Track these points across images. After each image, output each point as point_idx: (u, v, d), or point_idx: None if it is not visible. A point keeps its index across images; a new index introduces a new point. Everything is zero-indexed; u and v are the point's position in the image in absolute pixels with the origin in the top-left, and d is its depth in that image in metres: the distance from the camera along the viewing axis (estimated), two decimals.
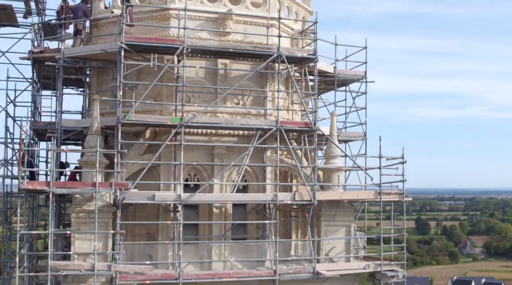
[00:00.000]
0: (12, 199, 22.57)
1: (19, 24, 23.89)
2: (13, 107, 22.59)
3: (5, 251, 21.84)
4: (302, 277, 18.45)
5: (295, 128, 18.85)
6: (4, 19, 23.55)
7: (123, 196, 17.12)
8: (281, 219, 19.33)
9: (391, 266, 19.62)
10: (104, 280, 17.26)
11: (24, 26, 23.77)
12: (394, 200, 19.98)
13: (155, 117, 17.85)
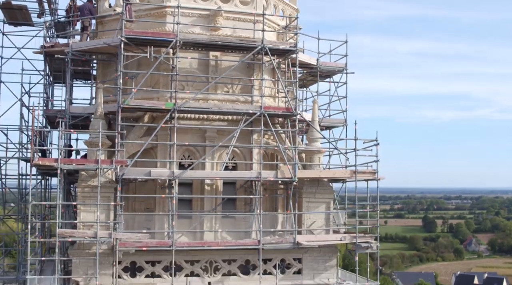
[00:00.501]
0: (26, 181, 24.44)
1: (34, 23, 25.77)
2: (28, 97, 24.54)
3: (20, 226, 23.70)
4: (283, 247, 20.07)
5: (278, 112, 20.48)
6: (20, 19, 25.40)
7: (123, 172, 18.88)
8: (265, 195, 20.99)
9: (365, 238, 21.14)
10: (106, 247, 18.99)
11: (38, 24, 25.68)
12: (368, 178, 21.37)
13: (151, 103, 19.58)
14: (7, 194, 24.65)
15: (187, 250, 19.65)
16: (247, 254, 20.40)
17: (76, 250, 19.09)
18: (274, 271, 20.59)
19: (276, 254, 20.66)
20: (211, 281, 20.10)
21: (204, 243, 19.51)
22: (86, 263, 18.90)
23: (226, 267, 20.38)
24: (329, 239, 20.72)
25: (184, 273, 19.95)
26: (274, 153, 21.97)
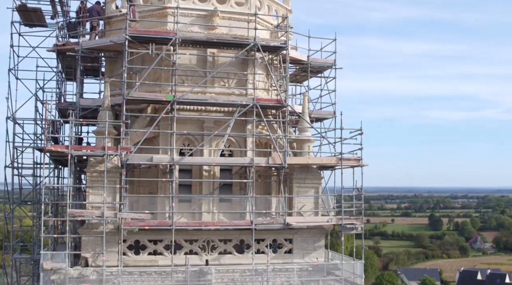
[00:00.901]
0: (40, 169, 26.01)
1: (47, 24, 27.37)
2: (42, 92, 26.14)
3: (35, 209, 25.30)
4: (274, 227, 21.48)
5: (269, 104, 21.90)
6: (35, 20, 27.00)
7: (127, 158, 20.38)
8: (258, 180, 22.41)
9: (350, 220, 22.45)
10: (112, 227, 20.50)
11: (51, 25, 27.26)
12: (353, 164, 22.64)
13: (153, 95, 21.07)
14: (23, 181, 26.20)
15: (186, 230, 21.12)
16: (241, 235, 21.81)
17: (85, 229, 20.59)
18: (266, 250, 21.98)
19: (268, 234, 22.06)
20: (208, 259, 21.54)
21: (201, 223, 20.97)
22: (94, 241, 20.41)
23: (222, 246, 21.82)
24: (317, 220, 22.06)
25: (183, 251, 21.41)
26: (267, 142, 23.35)
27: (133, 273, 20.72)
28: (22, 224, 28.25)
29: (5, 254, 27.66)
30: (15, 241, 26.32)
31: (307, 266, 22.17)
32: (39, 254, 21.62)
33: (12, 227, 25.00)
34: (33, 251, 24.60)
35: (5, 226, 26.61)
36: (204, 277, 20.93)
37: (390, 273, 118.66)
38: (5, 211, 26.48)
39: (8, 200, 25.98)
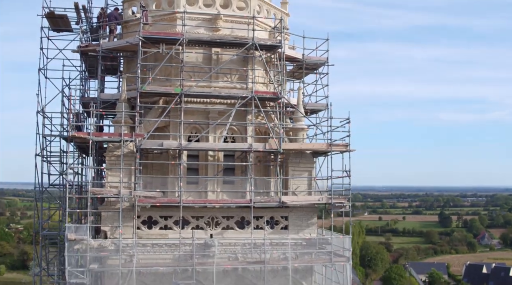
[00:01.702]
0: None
1: (72, 29, 29.46)
2: (68, 89, 28.18)
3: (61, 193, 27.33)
4: (271, 205, 23.22)
5: (266, 96, 23.68)
6: (62, 26, 29.09)
7: (141, 143, 22.31)
8: (257, 164, 24.19)
9: (339, 199, 24.04)
10: (128, 204, 22.41)
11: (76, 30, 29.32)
12: (342, 150, 24.23)
13: (163, 88, 22.99)
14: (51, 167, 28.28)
15: (193, 207, 22.97)
16: (242, 212, 23.59)
17: (105, 206, 22.56)
18: (264, 226, 23.73)
19: (266, 212, 23.81)
20: (213, 233, 23.35)
21: (206, 201, 22.82)
22: (112, 216, 22.35)
23: (225, 222, 23.62)
24: (309, 199, 23.74)
25: (190, 226, 23.25)
26: (266, 131, 25.10)
27: (146, 245, 22.61)
28: (50, 215, 30.20)
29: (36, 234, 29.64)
30: (45, 231, 28.37)
31: (301, 240, 23.86)
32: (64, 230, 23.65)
33: (42, 207, 26.99)
34: (59, 229, 26.64)
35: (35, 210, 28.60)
36: (209, 249, 22.72)
37: (398, 266, 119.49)
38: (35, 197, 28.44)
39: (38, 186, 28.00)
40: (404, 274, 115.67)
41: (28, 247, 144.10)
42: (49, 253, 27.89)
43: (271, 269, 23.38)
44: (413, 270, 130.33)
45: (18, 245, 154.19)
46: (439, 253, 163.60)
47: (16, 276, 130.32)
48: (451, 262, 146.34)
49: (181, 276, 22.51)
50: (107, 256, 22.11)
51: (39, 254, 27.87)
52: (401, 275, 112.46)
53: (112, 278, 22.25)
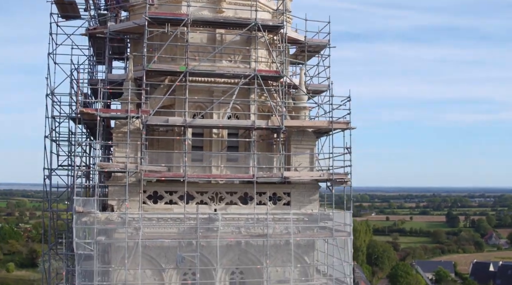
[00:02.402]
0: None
1: (81, 15, 30.20)
2: (76, 73, 28.92)
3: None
4: (273, 180, 23.79)
5: (268, 75, 24.29)
6: (70, 12, 29.85)
7: (147, 119, 22.96)
8: (260, 141, 24.79)
9: (340, 175, 24.56)
10: (134, 179, 23.05)
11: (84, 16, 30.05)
12: (342, 127, 24.75)
13: (168, 66, 23.66)
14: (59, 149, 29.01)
15: (197, 183, 23.61)
16: (245, 188, 24.18)
17: (112, 181, 23.21)
18: (267, 202, 24.31)
19: (269, 188, 24.38)
20: (217, 208, 23.94)
21: (210, 176, 23.44)
22: (119, 191, 22.99)
23: (229, 198, 24.22)
24: (311, 175, 24.29)
25: (195, 201, 23.85)
26: (269, 110, 25.68)
27: (151, 219, 23.24)
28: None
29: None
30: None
31: (303, 216, 24.41)
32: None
33: (50, 185, 27.69)
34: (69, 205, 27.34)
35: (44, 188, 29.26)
36: (213, 223, 23.33)
37: (405, 264, 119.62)
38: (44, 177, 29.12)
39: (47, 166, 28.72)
40: (411, 271, 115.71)
41: (37, 246, 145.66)
42: (58, 231, 28.60)
43: (273, 244, 23.96)
44: (419, 268, 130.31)
45: (27, 243, 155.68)
46: (446, 253, 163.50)
47: (25, 274, 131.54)
48: (458, 261, 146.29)
49: (186, 250, 23.12)
50: (114, 229, 22.73)
51: (48, 233, 28.60)
52: (407, 273, 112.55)
53: (118, 251, 22.87)
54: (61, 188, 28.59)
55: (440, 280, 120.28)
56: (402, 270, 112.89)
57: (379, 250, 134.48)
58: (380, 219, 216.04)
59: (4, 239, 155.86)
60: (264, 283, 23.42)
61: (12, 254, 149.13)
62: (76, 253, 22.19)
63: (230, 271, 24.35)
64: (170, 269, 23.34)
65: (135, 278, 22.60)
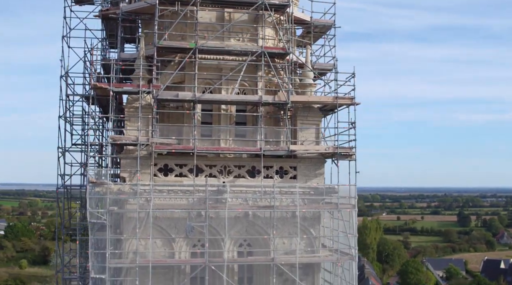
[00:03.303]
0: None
1: (94, 1, 31.17)
2: (90, 56, 29.88)
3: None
4: (279, 153, 24.54)
5: (275, 51, 25.06)
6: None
7: (158, 93, 23.83)
8: (267, 116, 25.56)
9: (345, 149, 25.25)
10: (145, 152, 23.90)
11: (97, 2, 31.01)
12: (347, 103, 25.47)
13: (178, 43, 24.51)
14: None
15: (206, 156, 24.43)
16: (253, 161, 24.95)
17: (124, 154, 24.09)
18: (274, 175, 25.07)
19: (276, 162, 25.13)
20: (225, 181, 24.73)
21: (218, 148, 24.23)
22: (131, 163, 23.85)
23: (237, 171, 24.99)
24: (316, 149, 25.01)
25: (204, 174, 24.66)
26: (276, 87, 26.45)
27: (162, 191, 24.06)
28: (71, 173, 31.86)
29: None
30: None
31: (309, 189, 25.12)
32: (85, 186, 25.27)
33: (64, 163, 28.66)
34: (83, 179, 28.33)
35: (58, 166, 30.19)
36: (221, 195, 24.11)
37: (415, 261, 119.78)
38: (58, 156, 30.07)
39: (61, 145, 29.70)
40: (421, 268, 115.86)
41: (49, 243, 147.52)
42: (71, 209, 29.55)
43: (280, 216, 24.70)
44: (430, 265, 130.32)
45: (39, 241, 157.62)
46: (458, 252, 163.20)
47: (37, 270, 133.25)
48: (470, 260, 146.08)
49: (195, 221, 23.92)
50: (126, 200, 23.59)
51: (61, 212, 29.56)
52: (418, 269, 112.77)
53: (130, 222, 23.71)
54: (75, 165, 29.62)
55: (450, 278, 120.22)
56: (413, 266, 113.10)
57: (389, 247, 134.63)
58: (391, 219, 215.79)
59: (16, 236, 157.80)
60: (271, 253, 24.13)
61: (25, 251, 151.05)
62: (90, 222, 23.06)
63: (238, 243, 25.11)
64: (180, 239, 24.14)
65: (146, 248, 23.41)
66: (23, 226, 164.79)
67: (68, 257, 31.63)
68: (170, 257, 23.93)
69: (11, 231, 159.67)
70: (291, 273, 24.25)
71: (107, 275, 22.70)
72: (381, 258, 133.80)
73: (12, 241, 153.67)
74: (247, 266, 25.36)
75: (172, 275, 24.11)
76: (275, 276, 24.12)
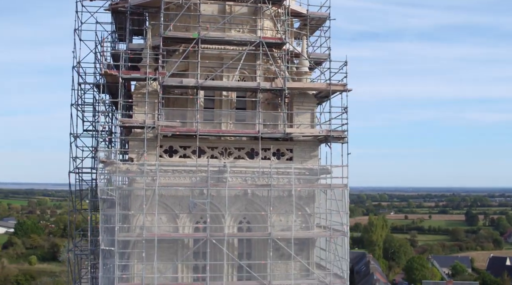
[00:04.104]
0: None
1: None
2: (100, 47, 32.04)
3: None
4: (277, 136, 26.53)
5: (272, 41, 27.08)
6: None
7: (163, 80, 25.90)
8: (265, 102, 27.56)
9: (337, 132, 27.18)
10: (152, 135, 25.96)
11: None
12: (340, 89, 27.40)
13: (182, 34, 26.60)
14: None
15: (208, 138, 26.46)
16: (252, 144, 26.96)
17: (132, 136, 26.17)
18: (271, 157, 27.06)
19: (273, 144, 27.12)
20: (226, 162, 26.74)
21: (219, 131, 26.28)
22: (138, 145, 25.92)
23: (237, 153, 27.01)
24: (311, 131, 26.98)
25: (206, 155, 26.69)
26: (274, 75, 28.42)
27: (167, 170, 26.12)
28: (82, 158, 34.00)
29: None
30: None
31: (304, 170, 27.11)
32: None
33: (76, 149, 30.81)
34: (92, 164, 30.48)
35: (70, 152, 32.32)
36: (222, 175, 26.14)
37: (420, 257, 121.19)
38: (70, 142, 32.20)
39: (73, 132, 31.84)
40: (427, 264, 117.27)
41: (58, 240, 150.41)
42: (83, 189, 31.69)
43: (277, 195, 26.68)
44: (436, 262, 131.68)
45: (48, 238, 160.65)
46: (465, 250, 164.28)
47: (47, 266, 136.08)
48: (476, 258, 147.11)
49: (198, 198, 25.96)
50: (134, 178, 25.68)
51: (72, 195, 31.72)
52: (423, 266, 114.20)
53: (137, 199, 25.77)
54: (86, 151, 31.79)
55: (456, 275, 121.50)
56: (418, 263, 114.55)
57: (395, 245, 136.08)
58: (399, 218, 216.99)
59: (26, 233, 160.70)
60: (268, 229, 26.11)
61: (34, 248, 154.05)
62: (100, 199, 25.14)
63: (238, 220, 27.12)
64: (184, 216, 26.19)
65: (152, 223, 25.46)
66: (32, 223, 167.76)
67: (79, 235, 33.86)
68: (174, 232, 25.96)
69: (20, 228, 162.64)
70: (287, 248, 26.20)
71: (116, 248, 24.75)
72: (387, 255, 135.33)
73: (21, 238, 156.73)
74: (246, 242, 27.35)
75: (176, 248, 26.13)
76: (272, 251, 26.09)
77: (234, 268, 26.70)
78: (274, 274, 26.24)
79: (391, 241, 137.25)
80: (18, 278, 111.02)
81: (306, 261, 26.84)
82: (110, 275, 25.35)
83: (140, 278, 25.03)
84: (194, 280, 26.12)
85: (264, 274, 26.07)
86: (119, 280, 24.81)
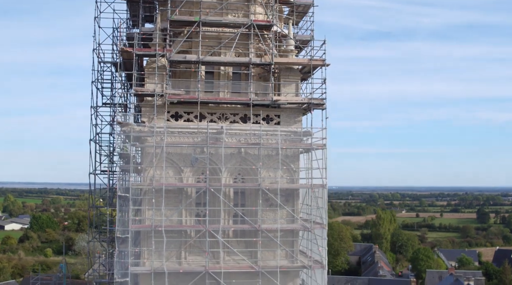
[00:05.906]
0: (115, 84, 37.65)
1: None
2: (117, 32, 37.89)
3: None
4: (265, 103, 32.04)
5: (261, 23, 32.61)
6: None
7: (170, 55, 31.55)
8: (256, 76, 33.11)
9: (317, 100, 32.61)
10: (160, 102, 31.56)
11: None
12: (319, 64, 32.84)
13: (186, 17, 32.23)
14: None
15: (208, 104, 32.04)
16: (245, 110, 32.49)
17: (144, 103, 31.83)
18: (261, 121, 32.56)
19: (263, 111, 32.61)
20: (223, 125, 32.26)
21: (217, 98, 31.86)
22: (150, 110, 31.56)
23: (232, 118, 32.55)
24: (295, 99, 32.45)
25: (206, 120, 32.25)
26: (265, 53, 33.91)
27: (173, 132, 31.73)
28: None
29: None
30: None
31: (289, 132, 32.58)
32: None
33: (96, 121, 36.56)
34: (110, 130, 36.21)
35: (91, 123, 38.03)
36: (220, 135, 31.68)
37: (426, 248, 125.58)
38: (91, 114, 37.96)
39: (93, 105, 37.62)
40: (432, 256, 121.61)
41: (72, 234, 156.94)
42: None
43: (266, 154, 32.16)
44: (443, 255, 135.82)
45: (63, 232, 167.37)
46: (474, 246, 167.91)
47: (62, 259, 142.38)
48: (484, 253, 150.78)
49: (199, 155, 31.53)
50: (145, 137, 31.30)
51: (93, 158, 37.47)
52: (428, 257, 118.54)
53: (148, 155, 31.40)
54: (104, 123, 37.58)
55: (462, 267, 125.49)
56: (423, 254, 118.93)
57: (403, 238, 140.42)
58: (410, 216, 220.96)
59: (41, 228, 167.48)
60: (258, 181, 31.58)
61: (49, 242, 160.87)
62: (118, 153, 30.84)
63: (234, 175, 32.63)
64: (187, 170, 31.75)
65: (160, 175, 31.06)
66: (47, 217, 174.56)
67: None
68: (179, 182, 31.55)
69: (36, 222, 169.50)
70: (275, 197, 31.64)
71: (130, 194, 30.40)
72: (395, 249, 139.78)
73: (37, 232, 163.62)
74: (241, 194, 32.86)
75: (181, 197, 31.70)
76: (262, 201, 31.55)
77: (230, 215, 32.22)
78: (264, 219, 31.71)
79: (399, 235, 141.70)
80: (35, 267, 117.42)
81: (291, 208, 32.28)
82: (125, 219, 31.01)
83: (150, 221, 30.60)
84: (195, 223, 31.68)
85: (255, 218, 31.54)
86: (132, 222, 30.44)
